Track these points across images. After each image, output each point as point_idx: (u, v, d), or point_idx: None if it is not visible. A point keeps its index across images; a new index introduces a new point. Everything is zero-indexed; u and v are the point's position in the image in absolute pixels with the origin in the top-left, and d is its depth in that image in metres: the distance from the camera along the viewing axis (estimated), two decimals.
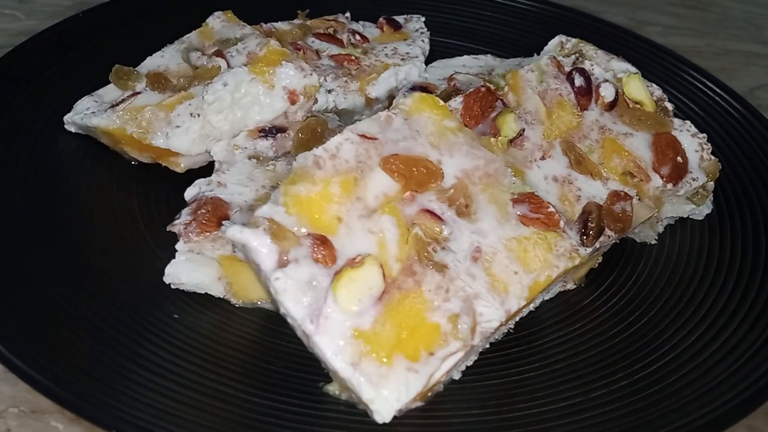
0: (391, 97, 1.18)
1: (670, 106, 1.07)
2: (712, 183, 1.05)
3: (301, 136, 1.03)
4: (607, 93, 1.04)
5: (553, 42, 1.20)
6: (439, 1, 1.45)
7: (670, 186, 1.00)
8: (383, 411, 0.74)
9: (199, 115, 1.02)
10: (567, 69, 1.06)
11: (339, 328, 0.75)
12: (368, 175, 0.83)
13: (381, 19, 1.31)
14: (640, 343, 0.91)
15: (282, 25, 1.24)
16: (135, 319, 0.88)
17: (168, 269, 0.91)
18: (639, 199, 0.99)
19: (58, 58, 1.22)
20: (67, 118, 1.10)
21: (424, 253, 0.80)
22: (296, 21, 1.27)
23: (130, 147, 1.06)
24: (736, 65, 1.59)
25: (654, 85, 1.09)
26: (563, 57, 1.08)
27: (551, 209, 0.86)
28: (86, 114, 1.08)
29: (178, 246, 0.91)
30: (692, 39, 1.67)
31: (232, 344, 0.87)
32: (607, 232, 0.94)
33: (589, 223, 0.92)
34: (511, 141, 0.96)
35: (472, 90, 0.99)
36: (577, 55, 1.09)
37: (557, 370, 0.86)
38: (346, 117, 1.16)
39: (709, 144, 1.05)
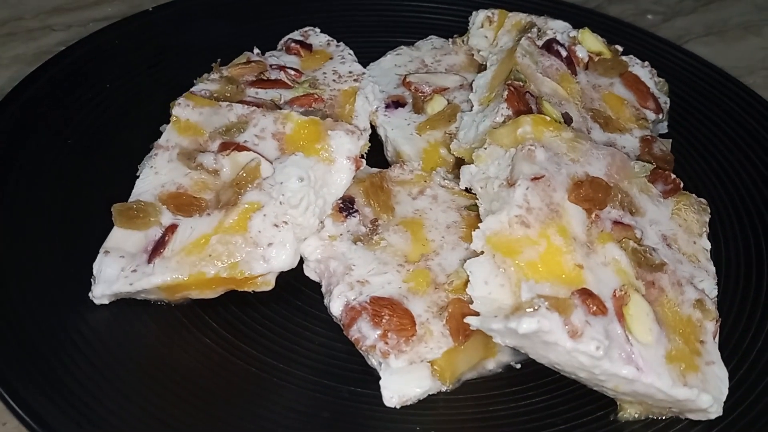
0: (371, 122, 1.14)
1: (618, 47, 1.20)
2: (668, 99, 1.23)
3: (381, 200, 0.97)
4: (582, 54, 1.14)
5: (479, 18, 1.24)
6: (300, 5, 1.36)
7: (660, 116, 1.16)
8: (719, 408, 0.81)
9: (286, 223, 0.90)
10: (539, 43, 1.13)
11: (657, 360, 0.79)
12: (565, 214, 0.85)
13: (291, 43, 1.21)
14: None
15: (208, 86, 1.09)
16: None
17: (387, 392, 0.83)
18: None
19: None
20: (98, 292, 0.88)
21: (645, 261, 0.85)
22: (215, 76, 1.12)
23: (202, 289, 0.90)
24: None
25: (594, 33, 1.20)
26: (528, 33, 1.14)
27: (672, 175, 0.96)
28: (128, 277, 0.87)
29: (391, 363, 0.83)
30: None
31: (495, 428, 0.84)
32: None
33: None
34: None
35: (507, 93, 1.02)
36: (536, 27, 1.16)
37: None
38: None
39: (653, 69, 1.21)
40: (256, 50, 1.18)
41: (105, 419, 0.79)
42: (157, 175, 0.94)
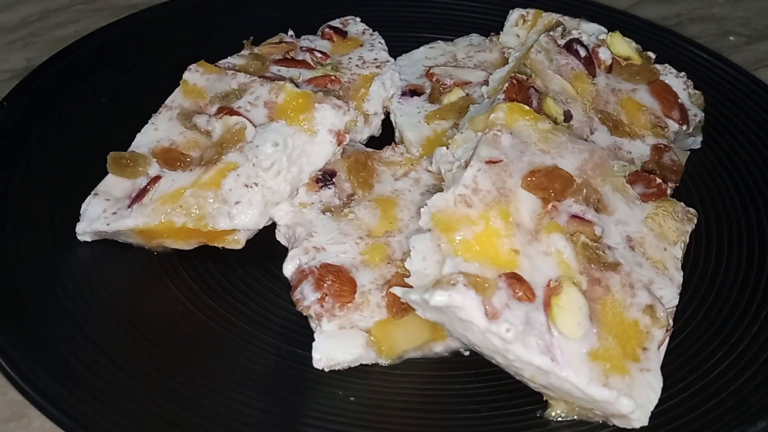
0: (384, 108, 1.16)
1: (651, 54, 1.16)
2: (702, 114, 1.17)
3: (360, 176, 0.99)
4: (605, 56, 1.11)
5: (514, 16, 1.24)
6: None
7: (684, 127, 1.11)
8: (642, 417, 0.77)
9: (256, 184, 0.93)
10: (561, 42, 1.11)
11: (577, 356, 0.76)
12: (513, 199, 0.83)
13: (326, 29, 1.25)
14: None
15: (236, 60, 1.15)
16: (293, 415, 0.82)
17: (316, 354, 0.85)
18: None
19: (14, 160, 1.04)
20: (81, 228, 0.95)
21: (596, 258, 0.83)
22: (245, 52, 1.18)
23: (174, 238, 0.95)
24: None
25: (627, 39, 1.17)
26: (551, 31, 1.12)
27: (658, 180, 0.92)
28: (107, 218, 0.94)
29: (322, 326, 0.85)
30: None
31: (422, 404, 0.84)
32: (669, 184, 1.03)
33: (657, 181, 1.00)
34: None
35: (507, 85, 1.01)
36: (562, 27, 1.14)
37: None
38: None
39: (690, 81, 1.16)
40: (290, 32, 1.23)
41: (58, 350, 0.84)
42: (156, 131, 1.01)
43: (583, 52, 1.09)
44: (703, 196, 1.09)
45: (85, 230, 0.95)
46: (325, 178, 0.98)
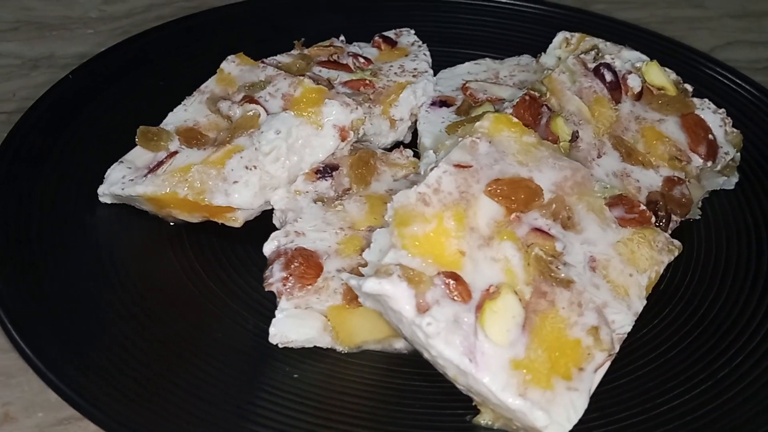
0: (412, 115, 1.19)
1: (689, 87, 1.13)
2: (738, 154, 1.12)
3: (358, 171, 1.03)
4: (634, 84, 1.09)
5: (558, 39, 1.24)
6: (417, 11, 1.45)
7: (709, 164, 1.07)
8: None
9: (255, 167, 1.00)
10: (591, 65, 1.10)
11: (498, 361, 0.77)
12: (474, 204, 0.85)
13: (376, 37, 1.30)
14: (733, 315, 0.96)
15: (284, 58, 1.22)
16: (249, 384, 0.87)
17: (273, 329, 0.89)
18: (688, 181, 1.04)
19: (64, 127, 1.16)
20: (101, 190, 1.05)
21: (548, 272, 0.82)
22: (294, 52, 1.25)
23: (180, 209, 1.02)
24: (683, 31, 1.68)
25: (668, 69, 1.14)
26: (583, 54, 1.12)
27: (642, 207, 0.90)
28: (124, 183, 1.03)
29: (281, 304, 0.90)
30: (636, 12, 1.75)
31: (361, 392, 0.86)
32: (674, 217, 1.00)
33: (659, 212, 0.97)
34: (570, 144, 0.99)
35: (518, 100, 1.02)
36: (595, 51, 1.13)
37: (673, 357, 0.91)
38: (373, 142, 1.16)
39: (729, 118, 1.12)
40: (342, 37, 1.30)
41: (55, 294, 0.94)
42: (185, 112, 1.09)
43: (609, 77, 1.08)
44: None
45: (104, 192, 1.04)
46: (325, 170, 1.03)
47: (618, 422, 0.83)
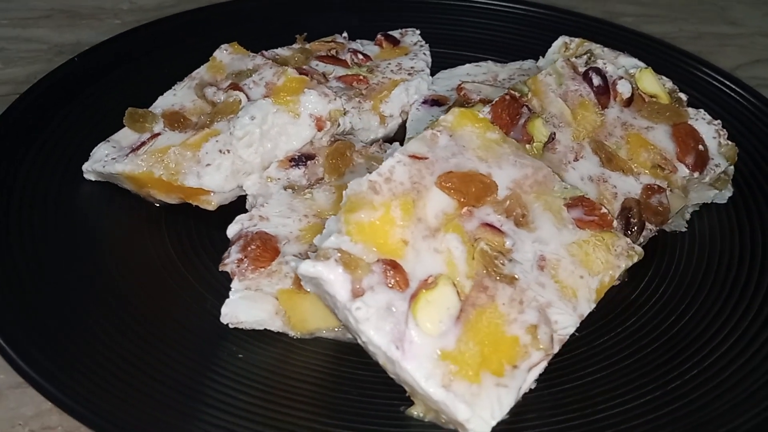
0: (403, 112, 1.19)
1: (683, 96, 1.10)
2: (732, 167, 1.08)
3: (332, 161, 1.03)
4: (624, 90, 1.07)
5: (557, 43, 1.22)
6: (430, 13, 1.45)
7: (696, 174, 1.03)
8: (480, 429, 0.75)
9: (228, 151, 1.01)
10: (581, 69, 1.08)
11: (426, 351, 0.76)
12: (425, 196, 0.84)
13: (379, 36, 1.31)
14: (695, 332, 0.93)
15: (283, 51, 1.24)
16: (197, 362, 0.87)
17: (224, 309, 0.90)
18: (670, 191, 1.01)
19: (63, 106, 1.19)
20: (86, 167, 1.08)
21: (492, 267, 0.81)
22: (295, 46, 1.27)
23: (157, 190, 1.04)
24: (712, 47, 1.64)
25: (665, 78, 1.11)
26: (575, 58, 1.10)
27: (604, 210, 0.88)
28: (106, 161, 1.06)
29: (233, 285, 0.90)
30: (665, 26, 1.71)
31: (303, 377, 0.86)
32: (648, 225, 0.97)
33: (632, 219, 0.95)
34: (544, 146, 0.98)
35: (497, 99, 1.01)
36: (588, 55, 1.11)
37: (626, 367, 0.88)
38: (362, 136, 1.16)
39: (724, 130, 1.08)
40: (344, 34, 1.31)
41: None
42: (174, 97, 1.12)
43: (597, 81, 1.06)
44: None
45: (88, 168, 1.07)
46: (300, 158, 1.04)
47: (553, 425, 0.80)
